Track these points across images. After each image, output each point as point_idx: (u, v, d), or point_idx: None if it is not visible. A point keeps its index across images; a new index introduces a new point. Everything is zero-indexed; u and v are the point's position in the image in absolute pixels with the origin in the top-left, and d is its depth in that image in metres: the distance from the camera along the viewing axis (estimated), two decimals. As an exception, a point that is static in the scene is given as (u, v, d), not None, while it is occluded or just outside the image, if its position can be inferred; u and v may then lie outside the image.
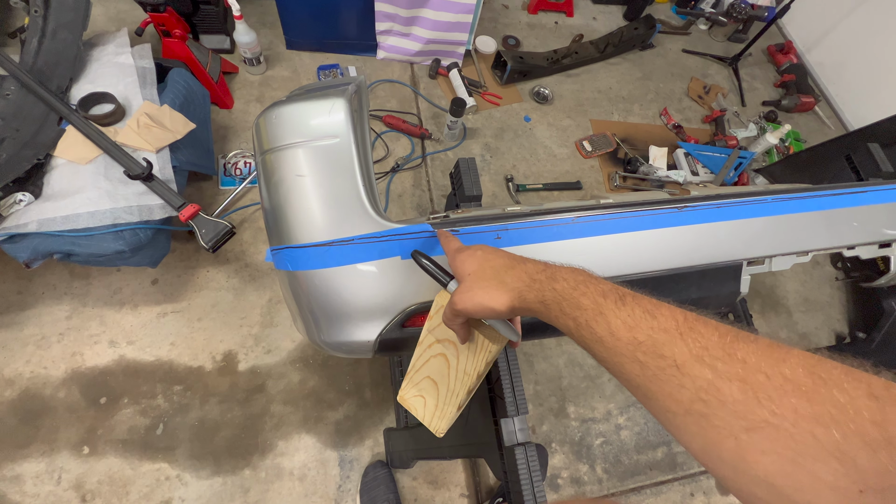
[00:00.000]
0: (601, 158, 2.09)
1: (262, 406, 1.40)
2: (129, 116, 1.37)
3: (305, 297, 0.62)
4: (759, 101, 2.52)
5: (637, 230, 0.63)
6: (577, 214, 0.61)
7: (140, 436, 1.32)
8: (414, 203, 1.81)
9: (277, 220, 0.61)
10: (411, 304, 0.60)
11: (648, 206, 0.65)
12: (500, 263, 0.46)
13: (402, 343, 0.62)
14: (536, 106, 2.16)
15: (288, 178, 0.58)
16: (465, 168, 0.97)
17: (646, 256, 0.64)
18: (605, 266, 0.63)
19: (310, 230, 0.58)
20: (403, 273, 0.59)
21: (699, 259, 0.66)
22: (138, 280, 1.50)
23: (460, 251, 0.50)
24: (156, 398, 1.37)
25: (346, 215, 0.58)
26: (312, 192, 0.57)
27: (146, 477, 1.27)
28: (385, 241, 0.58)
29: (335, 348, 0.64)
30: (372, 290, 0.59)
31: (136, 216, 1.24)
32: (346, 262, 0.58)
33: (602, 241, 0.62)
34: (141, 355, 1.41)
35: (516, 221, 0.60)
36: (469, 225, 0.61)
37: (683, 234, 0.65)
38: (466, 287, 0.46)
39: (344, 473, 1.36)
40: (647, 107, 2.32)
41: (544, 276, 0.42)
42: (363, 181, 0.59)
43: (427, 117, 2.01)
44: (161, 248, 1.34)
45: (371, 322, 0.60)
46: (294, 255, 0.60)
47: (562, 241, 0.60)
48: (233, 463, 1.33)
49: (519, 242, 0.60)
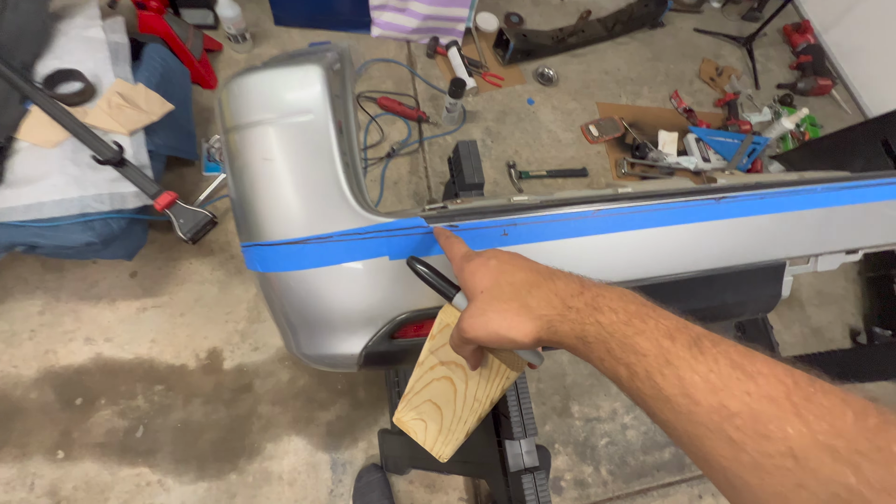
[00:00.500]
0: (608, 144, 1.99)
1: (249, 406, 1.33)
2: (99, 96, 1.25)
3: (279, 303, 0.53)
4: (773, 83, 2.40)
5: (666, 225, 0.54)
6: (597, 207, 0.52)
7: (119, 439, 1.24)
8: (410, 191, 1.71)
9: (244, 212, 0.51)
10: (402, 313, 0.51)
11: (677, 196, 0.56)
12: (521, 279, 0.37)
13: (391, 357, 0.53)
14: (540, 88, 2.05)
15: (253, 162, 0.48)
16: (466, 152, 0.87)
17: (676, 256, 0.55)
18: (631, 267, 0.54)
19: (281, 225, 0.49)
20: (393, 276, 0.50)
21: (737, 258, 0.57)
22: (116, 273, 1.41)
23: (469, 259, 0.40)
24: (135, 399, 1.29)
25: (323, 207, 0.48)
26: (282, 179, 0.48)
27: (125, 482, 1.20)
28: (370, 239, 0.48)
29: (316, 361, 0.55)
30: (356, 296, 0.50)
31: (108, 205, 1.14)
32: (324, 262, 0.49)
33: (626, 239, 0.53)
34: (119, 353, 1.32)
35: (526, 215, 0.51)
36: (470, 219, 0.51)
37: (719, 229, 0.55)
38: (479, 309, 0.36)
39: (336, 477, 1.29)
40: (656, 89, 2.21)
41: (583, 303, 0.33)
42: (344, 167, 0.49)
43: (424, 99, 1.89)
44: (136, 239, 1.24)
45: (355, 333, 0.52)
46: (263, 254, 0.51)
47: (580, 238, 0.51)
48: (218, 467, 1.25)
49: (529, 240, 0.50)
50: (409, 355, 0.54)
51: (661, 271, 0.55)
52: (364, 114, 1.79)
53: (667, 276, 0.55)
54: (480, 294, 0.37)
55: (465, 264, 0.40)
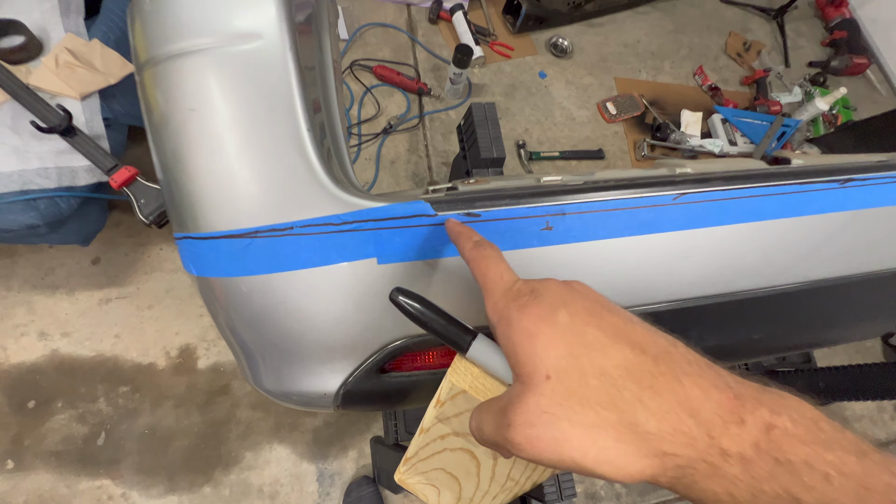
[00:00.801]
0: (626, 123, 1.81)
1: (226, 411, 1.19)
2: (45, 53, 1.07)
3: (226, 320, 0.38)
4: (804, 61, 2.22)
5: (777, 217, 0.38)
6: (678, 191, 0.36)
7: (77, 447, 1.10)
8: (409, 172, 1.54)
9: (168, 188, 0.36)
10: (395, 339, 0.36)
11: (768, 180, 0.40)
12: (620, 363, 0.22)
13: (380, 396, 0.38)
14: (553, 60, 1.86)
15: (176, 112, 0.32)
16: (482, 117, 0.69)
17: (779, 261, 0.40)
18: (735, 276, 0.38)
19: (219, 209, 0.33)
20: (382, 287, 0.34)
21: (857, 265, 0.42)
22: (75, 259, 1.25)
23: (518, 297, 0.25)
24: (97, 402, 1.14)
25: (279, 183, 0.32)
26: (216, 138, 0.32)
27: (84, 496, 1.07)
28: (348, 232, 0.33)
29: (280, 398, 0.40)
30: (330, 316, 0.35)
31: (54, 181, 0.98)
32: (281, 266, 0.33)
33: (723, 236, 0.37)
34: (78, 350, 1.17)
35: (578, 200, 0.35)
36: (492, 205, 0.36)
37: (832, 226, 0.40)
38: (546, 416, 0.21)
39: (323, 490, 1.16)
40: (679, 65, 2.02)
41: (749, 442, 0.19)
42: (309, 122, 0.33)
43: (426, 70, 1.71)
44: (92, 222, 1.08)
45: (330, 364, 0.37)
46: (197, 251, 0.35)
47: (659, 235, 0.36)
48: (190, 479, 1.12)
49: (584, 237, 0.35)
50: (405, 395, 0.39)
51: (762, 282, 0.40)
52: (358, 84, 1.61)
53: (768, 288, 0.40)
54: (546, 381, 0.22)
55: (511, 307, 0.24)
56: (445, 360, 0.38)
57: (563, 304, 0.24)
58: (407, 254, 0.34)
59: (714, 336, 0.41)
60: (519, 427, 0.22)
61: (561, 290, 0.25)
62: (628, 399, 0.21)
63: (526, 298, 0.24)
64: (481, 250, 0.28)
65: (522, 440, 0.22)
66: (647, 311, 0.38)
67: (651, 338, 0.23)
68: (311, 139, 0.33)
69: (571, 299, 0.24)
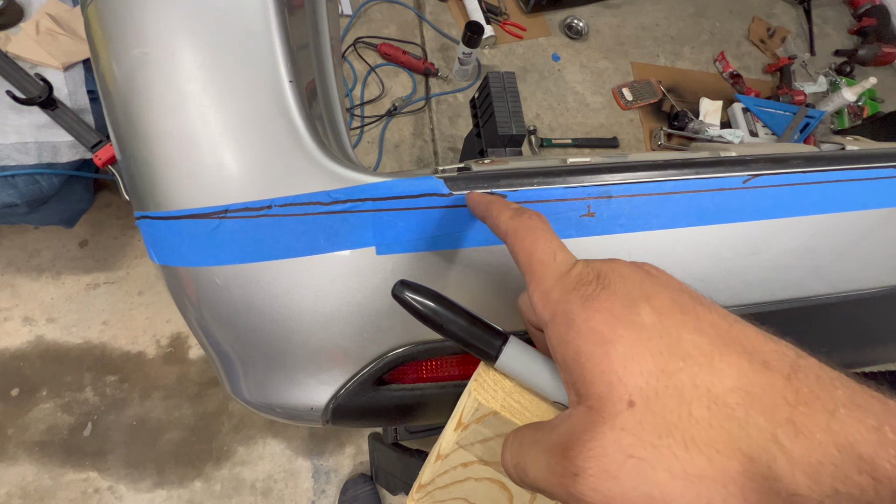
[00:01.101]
0: (642, 111, 1.73)
1: (218, 403, 1.14)
2: (27, 18, 1.00)
3: (196, 318, 0.32)
4: (830, 49, 2.11)
5: (848, 209, 0.32)
6: (750, 172, 0.29)
7: (62, 437, 1.05)
8: (413, 157, 1.47)
9: (123, 155, 0.29)
10: (397, 347, 0.30)
11: (855, 162, 0.33)
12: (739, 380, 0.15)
13: (375, 412, 0.32)
14: (568, 42, 1.77)
15: (123, 57, 0.26)
16: (499, 88, 0.60)
17: (863, 261, 0.33)
18: (792, 276, 0.32)
19: (181, 181, 0.27)
20: (381, 284, 0.28)
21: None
22: (62, 241, 1.19)
23: (583, 283, 0.18)
24: (83, 391, 1.09)
25: (255, 150, 0.26)
26: (173, 90, 0.25)
27: (70, 488, 1.02)
28: (340, 213, 0.26)
29: (263, 410, 0.34)
30: (317, 317, 0.28)
31: (34, 157, 0.91)
32: (258, 255, 0.27)
33: (791, 228, 0.31)
34: (64, 336, 1.12)
35: (621, 181, 0.28)
36: (521, 184, 0.29)
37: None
38: (628, 465, 0.15)
39: (318, 487, 1.11)
40: (699, 50, 1.92)
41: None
42: (291, 70, 0.26)
43: (433, 49, 1.62)
44: (76, 202, 1.02)
45: (319, 374, 0.31)
46: (158, 234, 0.29)
47: (719, 226, 0.29)
48: (180, 473, 1.07)
49: (632, 226, 0.28)
50: (407, 412, 0.33)
51: (846, 284, 0.33)
52: (362, 63, 1.53)
53: (851, 291, 0.33)
54: (630, 410, 0.16)
55: (571, 299, 0.18)
56: (463, 371, 0.31)
57: (644, 296, 0.17)
58: (413, 242, 0.27)
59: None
60: (593, 479, 0.15)
61: (637, 276, 0.18)
62: (757, 439, 0.14)
63: (592, 288, 0.18)
64: (524, 220, 0.21)
65: (600, 499, 0.15)
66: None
67: (770, 345, 0.16)
68: (295, 95, 0.27)
69: (654, 290, 0.17)
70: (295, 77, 0.26)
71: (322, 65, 0.45)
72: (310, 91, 0.35)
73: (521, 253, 0.21)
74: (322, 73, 0.45)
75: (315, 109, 0.34)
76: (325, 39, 0.47)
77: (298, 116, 0.27)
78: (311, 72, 0.42)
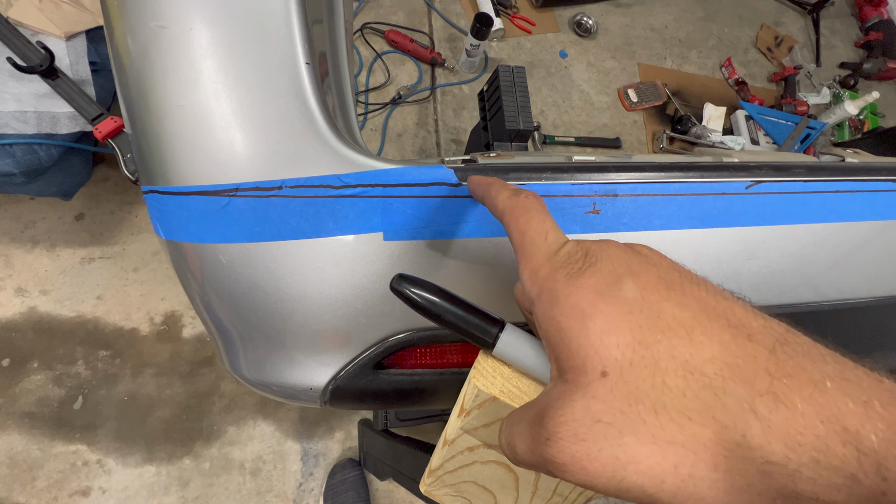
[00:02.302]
0: (647, 113, 1.73)
1: (210, 383, 1.14)
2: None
3: (199, 293, 0.32)
4: (835, 62, 2.12)
5: (845, 220, 0.32)
6: (753, 178, 0.30)
7: (53, 410, 1.05)
8: (416, 147, 1.46)
9: (133, 129, 0.29)
10: (397, 332, 0.30)
11: (856, 174, 0.34)
12: (720, 351, 0.15)
13: (373, 396, 0.33)
14: (576, 39, 1.76)
15: (140, 29, 0.26)
16: (509, 82, 0.61)
17: (857, 271, 0.33)
18: (788, 283, 0.32)
19: (193, 157, 0.27)
20: (386, 270, 0.28)
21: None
22: (58, 213, 1.18)
23: (570, 261, 0.18)
24: (75, 364, 1.09)
25: (268, 130, 0.26)
26: (189, 65, 0.25)
27: (58, 460, 1.03)
28: (350, 198, 0.27)
29: (261, 388, 0.35)
30: (321, 299, 0.29)
31: (33, 126, 0.90)
32: (265, 235, 0.27)
33: (790, 236, 0.31)
34: (57, 309, 1.12)
35: (627, 180, 0.28)
36: (528, 178, 0.29)
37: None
38: (596, 428, 0.15)
39: (307, 470, 1.13)
40: (706, 55, 1.92)
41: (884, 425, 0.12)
42: (308, 53, 0.26)
43: (441, 39, 1.61)
44: (75, 174, 1.01)
45: (319, 356, 0.31)
46: (166, 210, 0.29)
47: (720, 230, 0.30)
48: (170, 450, 1.08)
49: (636, 225, 0.29)
50: (405, 397, 0.33)
51: (839, 293, 0.34)
52: (368, 49, 1.51)
53: (843, 300, 0.34)
54: (602, 379, 0.16)
55: (556, 276, 0.18)
56: (461, 358, 0.32)
57: (629, 272, 0.17)
58: (420, 230, 0.28)
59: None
60: (562, 441, 0.16)
61: (625, 254, 0.18)
62: (732, 408, 0.14)
63: (578, 265, 0.18)
64: (520, 199, 0.22)
65: (567, 459, 0.16)
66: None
67: (758, 320, 0.16)
68: (311, 77, 0.27)
69: (641, 268, 0.18)
70: (311, 59, 0.27)
71: (335, 44, 0.45)
72: (323, 71, 0.35)
73: (515, 232, 0.21)
74: (335, 53, 0.45)
75: (326, 89, 0.35)
76: (340, 18, 0.47)
77: (313, 99, 0.27)
78: (325, 49, 0.41)
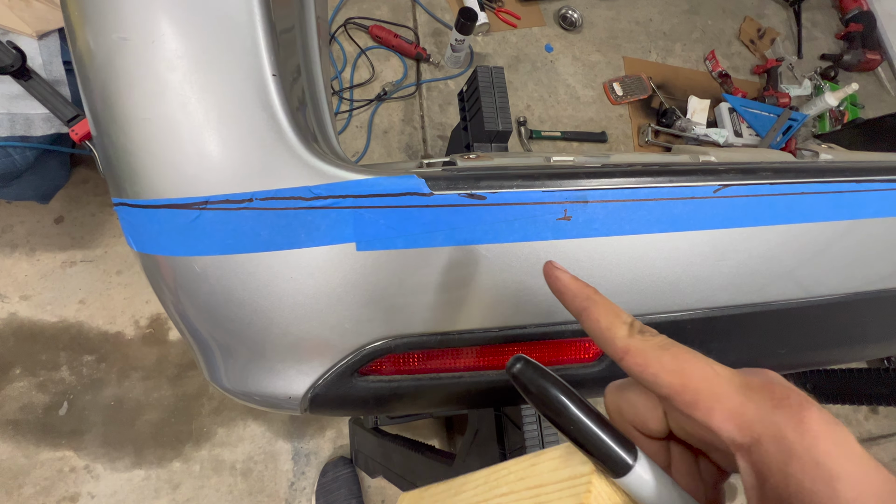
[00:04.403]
0: (632, 106, 1.74)
1: (198, 385, 1.13)
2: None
3: (175, 305, 0.32)
4: (816, 53, 2.15)
5: (811, 220, 0.33)
6: (721, 182, 0.30)
7: (37, 416, 1.04)
8: (402, 143, 1.46)
9: (101, 141, 0.29)
10: (375, 340, 0.30)
11: (822, 175, 0.34)
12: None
13: (354, 403, 0.33)
14: (562, 33, 1.76)
15: (102, 41, 0.25)
16: (487, 83, 0.61)
17: (823, 269, 0.34)
18: (755, 282, 0.33)
19: (161, 170, 0.27)
20: (361, 279, 0.28)
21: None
22: (36, 217, 1.15)
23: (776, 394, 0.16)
24: (59, 370, 1.08)
25: (237, 142, 0.26)
26: (154, 77, 0.25)
27: (45, 467, 1.02)
28: (321, 209, 0.27)
29: (241, 397, 0.35)
30: (297, 309, 0.29)
31: (6, 129, 0.88)
32: (238, 247, 0.27)
33: (757, 237, 0.32)
34: (39, 314, 1.10)
35: (601, 187, 0.29)
36: (500, 186, 0.30)
37: (888, 233, 0.35)
38: None
39: (298, 469, 1.13)
40: (690, 47, 1.94)
41: None
42: (274, 63, 0.26)
43: (426, 34, 1.60)
44: (52, 177, 0.98)
45: (297, 364, 0.31)
46: (137, 222, 0.29)
47: (688, 233, 0.30)
48: (159, 453, 1.07)
49: (607, 230, 0.29)
50: (386, 403, 0.34)
51: (805, 291, 0.35)
52: (352, 45, 1.50)
53: (809, 298, 0.35)
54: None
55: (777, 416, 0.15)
56: (440, 363, 0.32)
57: (830, 417, 0.15)
58: (393, 239, 0.28)
59: (736, 350, 0.37)
60: None
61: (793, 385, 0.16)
62: None
63: (794, 399, 0.15)
64: (648, 340, 0.19)
65: None
66: (669, 320, 0.33)
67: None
68: (278, 89, 0.27)
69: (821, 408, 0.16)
70: (279, 70, 0.26)
71: (307, 50, 0.44)
72: (293, 76, 0.35)
73: (663, 373, 0.18)
74: (307, 58, 0.45)
75: (297, 95, 0.34)
76: (311, 20, 0.46)
77: (281, 111, 0.26)
78: (296, 55, 0.41)
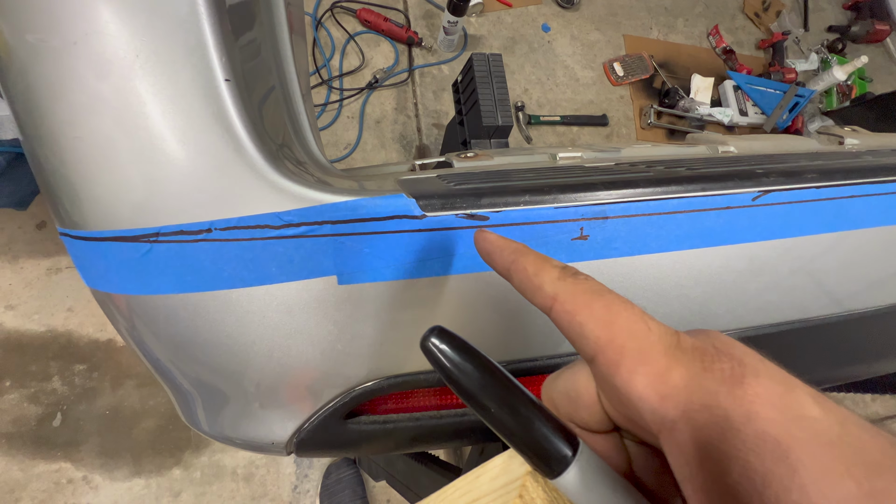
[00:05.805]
0: (633, 87, 1.68)
1: (194, 391, 1.11)
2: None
3: (139, 346, 0.28)
4: (823, 25, 2.07)
5: (858, 227, 0.29)
6: (760, 188, 0.26)
7: (30, 428, 1.02)
8: (396, 133, 1.40)
9: (31, 162, 0.24)
10: (364, 381, 0.27)
11: (865, 175, 0.30)
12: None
13: (343, 445, 0.29)
14: (559, 11, 1.68)
15: (18, 43, 0.21)
16: (484, 73, 0.54)
17: (865, 281, 0.31)
18: (793, 299, 0.29)
19: (102, 197, 0.22)
20: (344, 317, 0.24)
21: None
22: (17, 223, 1.11)
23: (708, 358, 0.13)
24: (50, 381, 1.05)
25: (191, 162, 0.21)
26: (82, 87, 0.20)
27: (41, 479, 1.00)
28: (294, 238, 0.23)
29: (223, 441, 0.32)
30: (273, 352, 0.25)
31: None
32: (198, 284, 0.23)
33: (797, 248, 0.28)
34: (26, 324, 1.06)
35: (617, 199, 0.24)
36: (505, 203, 0.25)
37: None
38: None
39: (301, 472, 1.11)
40: (693, 22, 1.86)
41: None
42: (227, 66, 0.21)
43: (417, 16, 1.52)
44: (27, 182, 0.93)
45: (278, 409, 0.27)
46: (84, 256, 0.25)
47: (723, 248, 0.26)
48: (158, 461, 1.05)
49: (628, 251, 0.25)
50: (378, 443, 0.30)
51: (844, 306, 0.31)
52: (340, 30, 1.42)
53: (848, 312, 0.31)
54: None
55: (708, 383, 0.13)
56: (439, 400, 0.29)
57: (783, 377, 0.13)
58: (380, 270, 0.24)
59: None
60: None
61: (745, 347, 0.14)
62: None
63: (728, 365, 0.13)
64: (580, 282, 0.16)
65: None
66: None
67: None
68: (234, 95, 0.22)
69: (775, 368, 0.13)
70: (233, 73, 0.22)
71: (275, 40, 0.39)
72: (256, 76, 0.31)
73: (591, 322, 0.15)
74: (276, 52, 0.39)
75: (259, 99, 0.30)
76: (279, 7, 0.41)
77: (239, 122, 0.22)
78: (260, 51, 0.36)
